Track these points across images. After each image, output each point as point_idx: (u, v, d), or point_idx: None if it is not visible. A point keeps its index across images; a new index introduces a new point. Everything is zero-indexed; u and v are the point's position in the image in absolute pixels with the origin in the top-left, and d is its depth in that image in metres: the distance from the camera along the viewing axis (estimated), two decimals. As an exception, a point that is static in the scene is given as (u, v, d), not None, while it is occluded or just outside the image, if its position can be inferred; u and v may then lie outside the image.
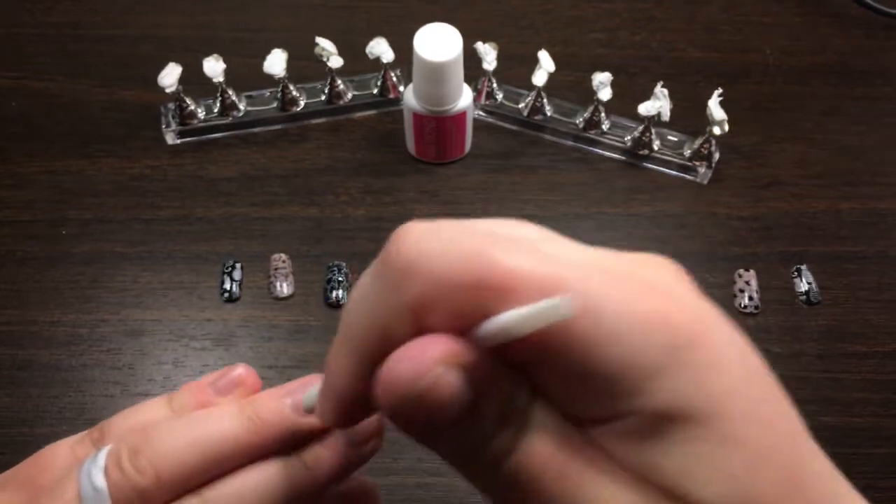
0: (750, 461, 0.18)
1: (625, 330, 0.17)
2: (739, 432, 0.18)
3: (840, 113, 0.59)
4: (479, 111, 0.58)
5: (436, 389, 0.17)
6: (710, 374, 0.18)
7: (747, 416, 0.18)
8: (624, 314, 0.17)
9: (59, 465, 0.27)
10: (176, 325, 0.49)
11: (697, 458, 0.18)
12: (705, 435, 0.18)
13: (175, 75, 0.53)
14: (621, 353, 0.17)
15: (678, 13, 0.65)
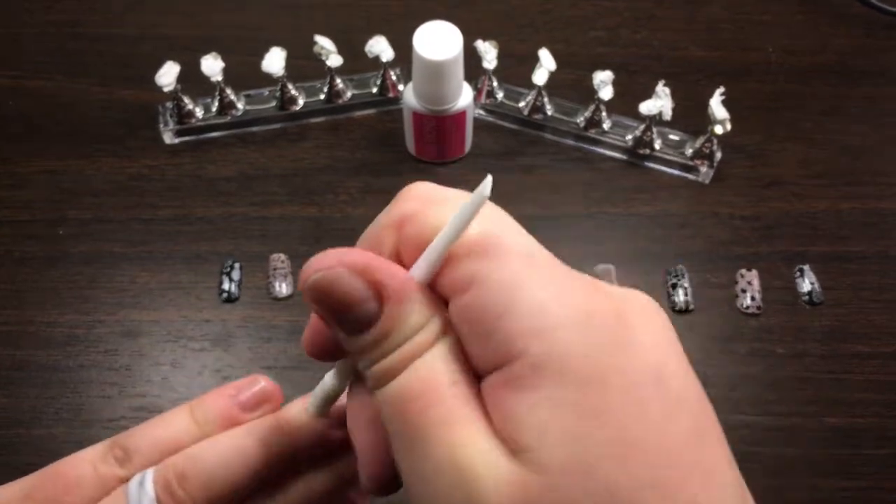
0: (581, 421, 0.18)
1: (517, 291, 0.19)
2: (578, 394, 0.19)
3: (841, 112, 0.59)
4: (480, 110, 0.57)
5: (333, 283, 0.21)
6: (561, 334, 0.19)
7: (588, 378, 0.19)
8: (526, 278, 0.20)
9: (86, 485, 0.26)
10: (174, 326, 0.49)
11: (537, 413, 0.19)
12: (548, 391, 0.19)
13: (173, 74, 0.53)
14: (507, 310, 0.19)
15: (679, 12, 0.64)
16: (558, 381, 0.19)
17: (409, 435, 0.20)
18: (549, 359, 0.19)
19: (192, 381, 0.47)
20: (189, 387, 0.46)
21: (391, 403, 0.21)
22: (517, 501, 0.19)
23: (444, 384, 0.20)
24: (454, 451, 0.19)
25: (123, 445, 0.26)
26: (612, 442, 0.18)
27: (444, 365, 0.20)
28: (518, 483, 0.19)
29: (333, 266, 0.21)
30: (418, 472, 0.20)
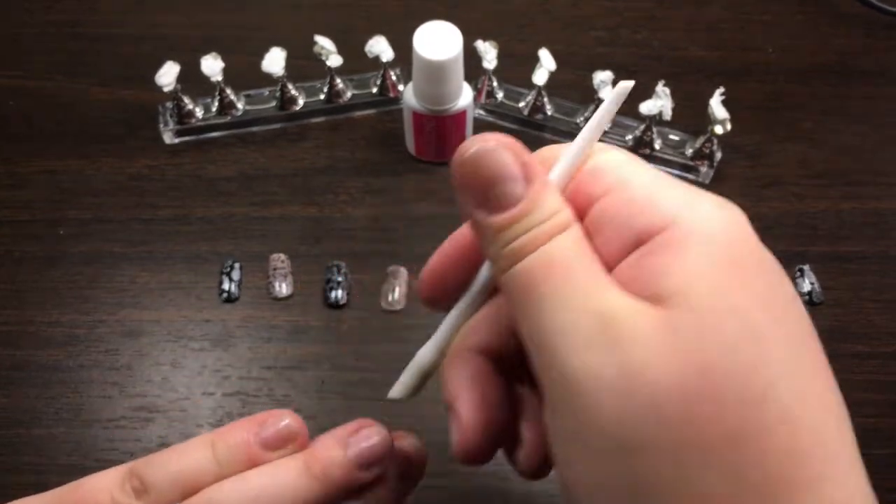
0: (730, 274, 0.20)
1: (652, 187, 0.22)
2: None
3: (841, 112, 0.59)
4: (480, 110, 0.57)
5: (490, 156, 0.22)
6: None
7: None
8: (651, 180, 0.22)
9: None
10: (174, 326, 0.49)
11: (687, 264, 0.20)
12: (699, 248, 0.21)
13: (173, 74, 0.53)
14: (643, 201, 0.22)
15: (679, 12, 0.64)
16: (707, 243, 0.20)
17: (545, 301, 0.21)
18: (698, 225, 0.21)
19: (193, 381, 0.47)
20: (189, 386, 0.46)
21: (526, 276, 0.22)
22: (662, 333, 0.20)
23: (581, 259, 0.22)
24: (598, 301, 0.21)
25: (141, 477, 0.26)
26: (756, 297, 0.20)
27: (578, 244, 0.22)
28: (665, 319, 0.20)
29: (492, 142, 0.22)
30: (555, 329, 0.21)
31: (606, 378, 0.20)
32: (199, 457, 0.26)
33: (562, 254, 0.22)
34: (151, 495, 0.25)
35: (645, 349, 0.19)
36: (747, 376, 0.19)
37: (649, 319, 0.20)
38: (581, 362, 0.20)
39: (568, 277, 0.21)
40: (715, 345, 0.19)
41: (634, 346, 0.20)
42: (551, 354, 0.21)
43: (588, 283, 0.21)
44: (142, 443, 0.45)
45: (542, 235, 0.22)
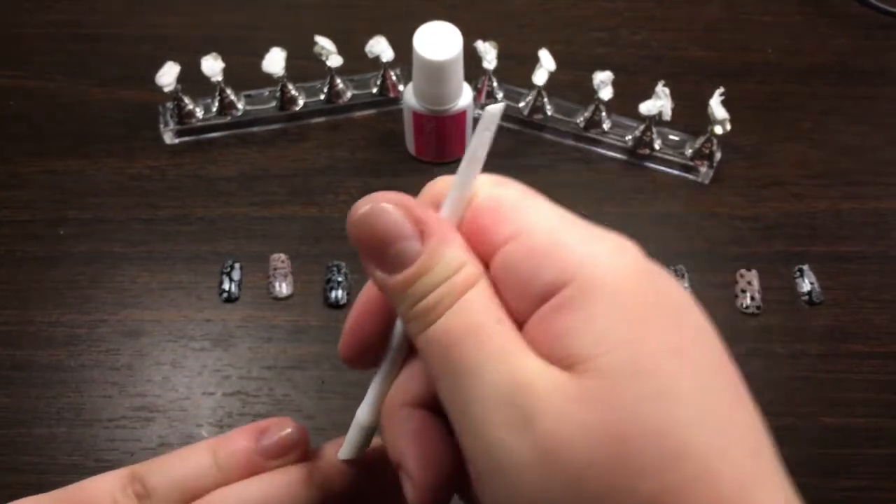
0: (635, 328, 0.20)
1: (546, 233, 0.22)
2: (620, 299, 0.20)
3: (841, 112, 0.59)
4: (480, 110, 0.57)
5: (380, 216, 0.23)
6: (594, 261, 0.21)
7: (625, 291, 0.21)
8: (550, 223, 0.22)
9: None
10: (175, 326, 0.49)
11: (592, 325, 0.20)
12: (602, 307, 0.20)
13: (173, 74, 0.53)
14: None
15: (679, 12, 0.65)
16: (611, 296, 0.20)
17: (460, 369, 0.21)
18: (598, 281, 0.20)
19: (193, 381, 0.47)
20: (189, 386, 0.47)
21: (439, 342, 0.22)
22: (574, 404, 0.19)
23: (492, 320, 0.21)
24: (510, 372, 0.20)
25: (143, 481, 0.26)
26: (663, 346, 0.20)
27: (488, 302, 0.22)
28: (576, 388, 0.20)
29: (380, 201, 0.23)
30: (472, 399, 0.21)
31: (524, 457, 0.20)
32: (200, 462, 0.26)
33: (472, 317, 0.21)
34: (153, 500, 0.25)
35: (558, 423, 0.19)
36: (661, 439, 0.19)
37: (560, 389, 0.20)
38: (498, 439, 0.20)
39: (480, 344, 0.21)
40: (626, 412, 0.19)
41: (547, 420, 0.19)
42: (470, 426, 0.21)
43: (500, 349, 0.21)
44: (142, 442, 0.45)
45: (451, 294, 0.22)
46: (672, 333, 0.20)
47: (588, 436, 0.19)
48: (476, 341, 0.21)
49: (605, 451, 0.19)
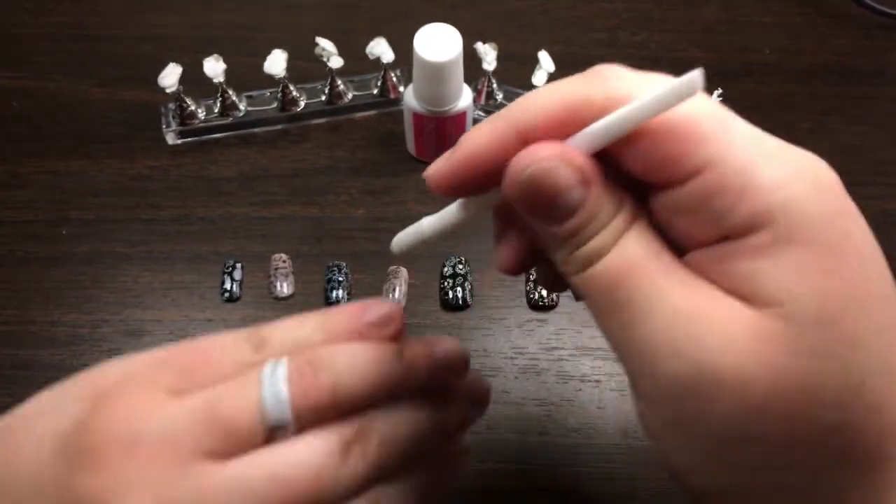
0: (825, 280, 0.20)
1: (739, 145, 0.21)
2: (811, 241, 0.20)
3: (840, 113, 0.59)
4: (479, 111, 0.58)
5: (548, 174, 0.22)
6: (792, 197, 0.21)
7: (819, 232, 0.21)
8: (744, 138, 0.21)
9: (222, 363, 0.28)
10: (176, 326, 0.49)
11: (783, 274, 0.20)
12: (794, 256, 0.20)
13: (175, 75, 0.53)
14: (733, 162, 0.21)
15: (677, 13, 0.65)
16: (802, 247, 0.20)
17: (625, 306, 0.22)
18: (793, 229, 0.20)
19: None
20: (191, 386, 0.47)
21: (602, 282, 0.22)
22: (761, 344, 0.20)
23: (654, 255, 0.22)
24: (683, 304, 0.21)
25: (262, 335, 0.29)
26: (850, 297, 0.20)
27: (647, 240, 0.22)
28: (763, 327, 0.20)
29: (550, 159, 0.22)
30: (639, 336, 0.21)
31: (701, 388, 0.21)
32: (310, 327, 0.29)
33: (630, 258, 0.22)
34: (267, 351, 0.28)
35: (740, 359, 0.20)
36: (841, 381, 0.20)
37: (742, 325, 0.20)
38: (672, 371, 0.21)
39: (645, 278, 0.22)
40: (811, 359, 0.20)
41: (728, 356, 0.20)
42: (640, 364, 0.22)
43: (664, 285, 0.21)
44: (144, 442, 0.45)
45: (612, 237, 0.22)
46: (858, 282, 0.21)
47: (774, 375, 0.20)
48: (639, 278, 0.22)
49: (787, 389, 0.20)
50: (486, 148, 0.24)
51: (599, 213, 0.22)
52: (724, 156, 0.21)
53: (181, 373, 0.28)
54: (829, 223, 0.21)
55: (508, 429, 0.45)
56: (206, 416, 0.26)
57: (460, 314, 0.49)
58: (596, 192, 0.22)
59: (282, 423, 0.26)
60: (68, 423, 0.27)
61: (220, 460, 0.25)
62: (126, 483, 0.24)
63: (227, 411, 0.26)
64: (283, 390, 0.26)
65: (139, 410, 0.26)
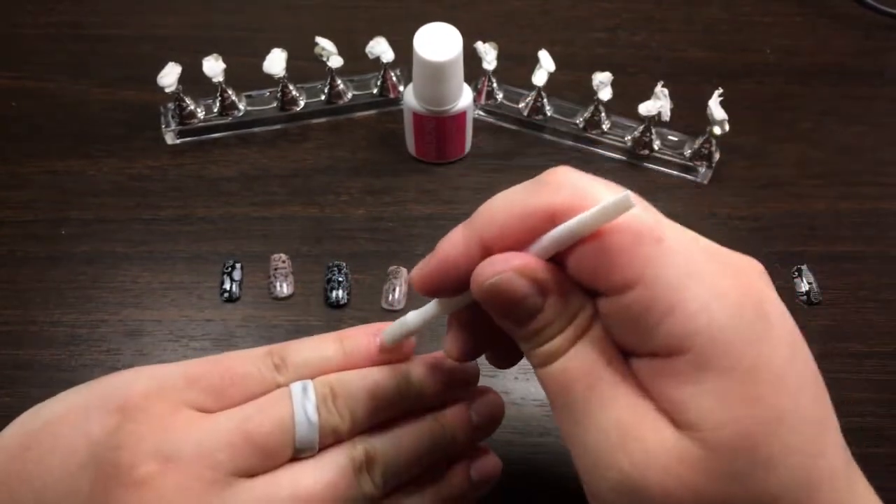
0: (741, 406, 0.22)
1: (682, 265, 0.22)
2: (732, 370, 0.22)
3: (840, 113, 0.59)
4: (479, 111, 0.58)
5: (505, 285, 0.24)
6: (715, 319, 0.22)
7: (739, 357, 0.22)
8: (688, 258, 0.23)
9: (249, 383, 0.29)
10: (176, 326, 0.49)
11: (701, 401, 0.22)
12: (711, 385, 0.22)
13: (174, 75, 0.53)
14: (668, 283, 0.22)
15: (678, 13, 0.65)
16: (720, 375, 0.22)
17: (574, 408, 0.24)
18: (712, 357, 0.22)
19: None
20: (191, 386, 0.47)
21: (556, 382, 0.24)
22: (682, 466, 0.22)
23: (603, 365, 0.23)
24: (619, 419, 0.23)
25: (282, 356, 0.30)
26: (766, 420, 0.22)
27: (599, 347, 0.24)
28: (684, 450, 0.22)
29: (503, 271, 0.24)
30: (583, 440, 0.24)
31: (632, 496, 0.22)
32: (328, 348, 0.31)
33: (581, 365, 0.24)
34: (290, 372, 0.30)
35: (666, 478, 0.22)
36: (755, 501, 0.22)
37: (665, 444, 0.22)
38: (608, 477, 0.23)
39: (592, 387, 0.23)
40: (726, 483, 0.22)
41: (651, 471, 0.22)
42: (583, 464, 0.24)
43: (611, 395, 0.23)
44: (143, 442, 0.45)
45: (567, 342, 0.24)
46: (774, 406, 0.22)
47: (694, 496, 0.22)
48: (587, 387, 0.23)
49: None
50: (455, 256, 0.26)
51: (556, 318, 0.24)
52: (656, 273, 0.22)
53: (207, 391, 0.29)
54: (748, 348, 0.22)
55: (508, 429, 0.45)
56: (241, 438, 0.27)
57: (460, 314, 0.49)
58: (552, 299, 0.24)
59: (309, 446, 0.29)
60: (99, 435, 0.27)
61: (249, 477, 0.27)
62: (163, 499, 0.25)
63: (261, 434, 0.27)
64: (313, 417, 0.28)
65: (172, 428, 0.27)
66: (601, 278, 0.23)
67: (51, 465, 0.27)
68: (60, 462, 0.27)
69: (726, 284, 0.22)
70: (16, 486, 0.27)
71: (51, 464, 0.27)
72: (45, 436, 0.28)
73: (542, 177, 0.25)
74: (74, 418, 0.28)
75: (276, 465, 0.28)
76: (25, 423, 0.29)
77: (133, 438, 0.26)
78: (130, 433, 0.27)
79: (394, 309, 0.49)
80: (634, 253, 0.22)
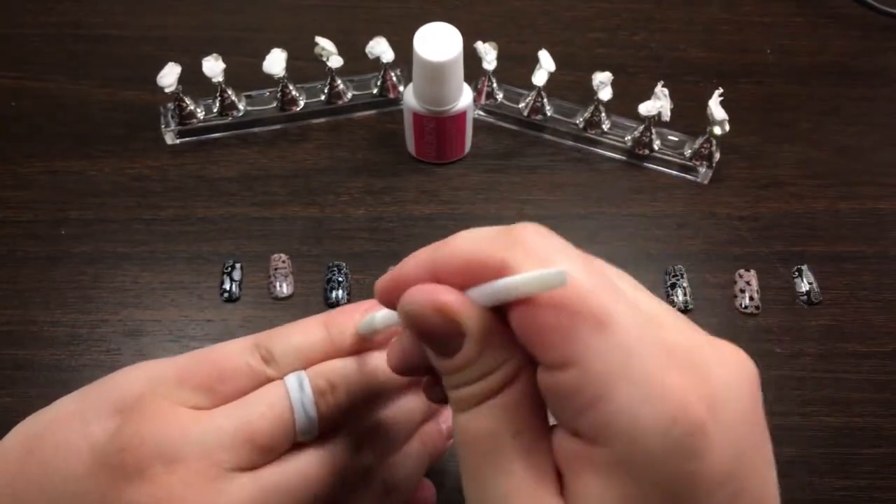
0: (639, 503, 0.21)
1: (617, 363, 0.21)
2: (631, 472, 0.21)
3: (839, 113, 0.59)
4: (479, 111, 0.58)
5: (419, 317, 0.23)
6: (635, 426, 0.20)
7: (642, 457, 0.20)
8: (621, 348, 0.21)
9: (239, 377, 0.29)
10: (176, 326, 0.49)
11: (603, 486, 0.21)
12: (622, 489, 0.21)
13: (174, 75, 0.53)
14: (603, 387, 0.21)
15: (678, 13, 0.65)
16: (634, 481, 0.20)
17: (470, 466, 0.23)
18: (631, 461, 0.20)
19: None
20: (191, 386, 0.47)
21: (460, 433, 0.24)
22: None
23: (509, 432, 0.22)
24: (506, 494, 0.22)
25: (268, 348, 0.30)
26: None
27: (511, 413, 0.23)
28: None
29: (423, 303, 0.23)
30: (474, 496, 0.23)
31: None
32: (316, 334, 0.31)
33: (489, 424, 0.23)
34: (280, 363, 0.30)
35: None
36: None
37: None
38: None
39: (487, 454, 0.23)
40: None
41: None
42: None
43: (503, 467, 0.22)
44: (144, 442, 0.45)
45: (477, 396, 0.23)
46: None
47: None
48: (485, 452, 0.23)
49: None
50: (411, 277, 0.25)
51: (471, 365, 0.23)
52: (589, 360, 0.21)
53: (199, 389, 0.29)
54: (669, 462, 0.20)
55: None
56: (243, 439, 0.28)
57: (460, 314, 0.49)
58: (472, 346, 0.23)
59: (310, 435, 0.30)
60: (102, 437, 0.28)
61: (252, 469, 0.28)
62: (171, 498, 0.26)
63: (262, 435, 0.28)
64: (312, 412, 0.29)
65: (171, 428, 0.27)
66: (537, 349, 0.22)
67: (55, 467, 0.27)
68: (64, 464, 0.27)
69: (673, 385, 0.20)
70: (21, 488, 0.27)
71: (55, 466, 0.27)
72: (46, 438, 0.28)
73: (509, 227, 0.24)
74: (73, 420, 0.28)
75: (278, 455, 0.29)
76: (26, 428, 0.29)
77: (135, 441, 0.27)
78: (132, 435, 0.27)
79: (394, 309, 0.49)
80: (569, 334, 0.21)
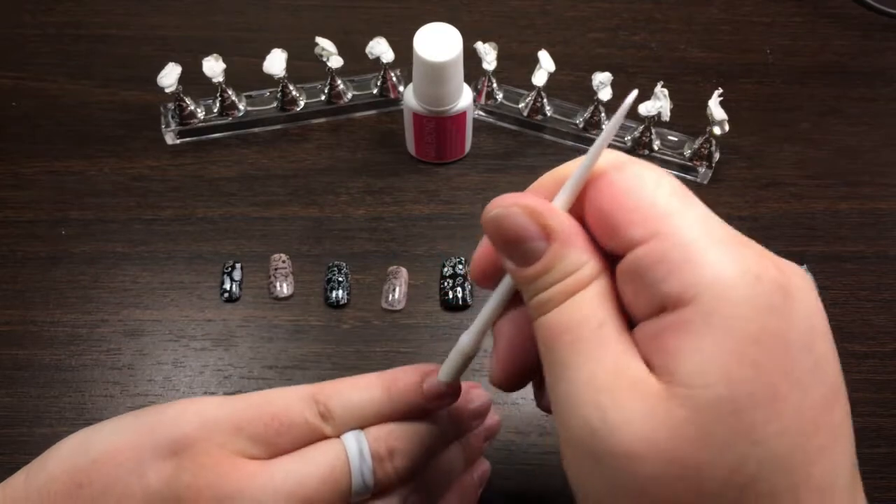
0: (740, 369, 0.20)
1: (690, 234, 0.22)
2: (728, 328, 0.21)
3: (839, 113, 0.59)
4: (479, 111, 0.58)
5: (508, 219, 0.24)
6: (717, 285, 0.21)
7: (738, 321, 0.21)
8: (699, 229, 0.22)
9: (296, 432, 0.29)
10: (176, 326, 0.49)
11: (699, 355, 0.21)
12: (714, 338, 0.21)
13: (174, 75, 0.53)
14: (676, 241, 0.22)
15: (678, 13, 0.65)
16: (725, 330, 0.20)
17: (557, 361, 0.23)
18: (719, 309, 0.21)
19: (194, 381, 0.47)
20: (191, 386, 0.47)
21: (545, 332, 0.24)
22: (658, 428, 0.21)
23: (592, 323, 0.23)
24: (598, 374, 0.22)
25: (326, 404, 0.30)
26: (762, 394, 0.20)
27: (593, 305, 0.23)
28: (664, 411, 0.21)
29: (510, 205, 0.24)
30: (561, 394, 0.23)
31: (596, 453, 0.22)
32: (375, 395, 0.31)
33: (573, 317, 0.23)
34: (336, 421, 0.30)
35: (631, 436, 0.21)
36: (729, 475, 0.20)
37: (642, 405, 0.21)
38: (576, 432, 0.22)
39: (574, 344, 0.23)
40: (701, 450, 0.20)
41: (620, 431, 0.21)
42: (557, 414, 0.23)
43: (590, 353, 0.22)
44: (144, 442, 0.45)
45: (561, 294, 0.23)
46: (778, 374, 0.21)
47: (661, 459, 0.21)
48: (571, 341, 0.23)
49: (670, 476, 0.21)
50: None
51: (558, 265, 0.23)
52: (671, 231, 0.22)
53: (255, 440, 0.29)
54: (757, 315, 0.21)
55: (508, 429, 0.45)
56: (298, 499, 0.28)
57: (460, 314, 0.49)
58: (556, 247, 0.23)
59: (363, 499, 0.30)
60: (156, 483, 0.28)
61: None
62: None
63: (318, 495, 0.28)
64: (370, 480, 0.29)
65: (230, 481, 0.27)
66: (622, 229, 0.23)
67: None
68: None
69: (750, 254, 0.22)
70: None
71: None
72: (97, 474, 0.28)
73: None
74: (126, 460, 0.28)
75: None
76: (72, 455, 0.29)
77: (191, 492, 0.27)
78: (188, 486, 0.27)
79: (394, 309, 0.49)
80: (651, 209, 0.22)
